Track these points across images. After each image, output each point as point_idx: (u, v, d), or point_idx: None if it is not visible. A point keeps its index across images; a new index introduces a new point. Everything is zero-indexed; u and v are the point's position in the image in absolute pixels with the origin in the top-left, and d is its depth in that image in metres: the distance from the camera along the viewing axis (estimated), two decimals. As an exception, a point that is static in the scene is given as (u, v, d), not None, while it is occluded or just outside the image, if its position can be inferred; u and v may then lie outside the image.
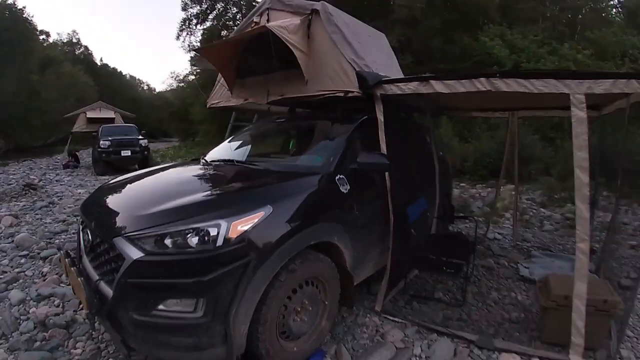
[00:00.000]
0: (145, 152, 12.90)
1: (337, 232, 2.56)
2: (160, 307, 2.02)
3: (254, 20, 4.18)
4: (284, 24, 3.56)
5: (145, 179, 3.07)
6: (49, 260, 4.30)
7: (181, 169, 3.53)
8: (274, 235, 2.15)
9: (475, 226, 4.09)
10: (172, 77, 60.40)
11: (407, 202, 3.46)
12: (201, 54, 4.66)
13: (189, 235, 2.02)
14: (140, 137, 13.14)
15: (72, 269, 2.39)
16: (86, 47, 45.06)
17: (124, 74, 52.29)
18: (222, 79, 4.52)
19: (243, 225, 2.06)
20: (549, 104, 4.32)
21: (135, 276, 2.02)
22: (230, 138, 4.31)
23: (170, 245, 2.03)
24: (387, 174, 3.11)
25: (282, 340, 2.35)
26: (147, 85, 74.37)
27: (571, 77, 2.56)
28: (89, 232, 2.47)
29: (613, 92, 2.53)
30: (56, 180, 11.11)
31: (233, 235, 2.01)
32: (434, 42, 14.89)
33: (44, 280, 3.81)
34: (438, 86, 2.95)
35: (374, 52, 4.11)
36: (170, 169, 3.42)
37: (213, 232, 2.01)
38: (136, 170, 3.93)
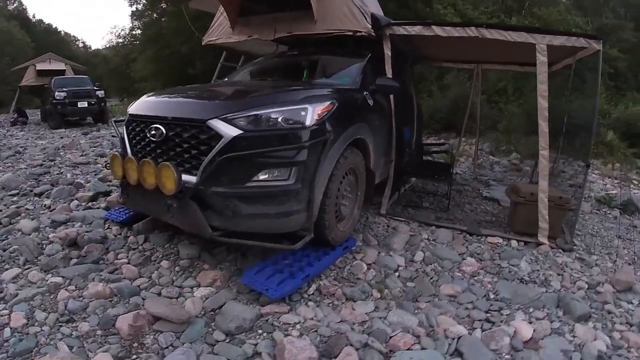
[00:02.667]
0: (102, 104, 12.22)
1: (367, 134, 3.13)
2: (257, 178, 2.36)
3: None
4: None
5: (206, 85, 3.46)
6: (46, 195, 4.26)
7: (234, 81, 3.91)
8: (339, 123, 2.70)
9: (452, 156, 4.91)
10: (113, 32, 55.04)
11: (402, 125, 4.08)
12: None
13: (284, 116, 2.44)
14: (96, 87, 12.40)
15: (144, 160, 2.51)
16: (20, 2, 39.93)
17: (59, 30, 47.17)
18: (223, 15, 4.62)
19: (322, 111, 2.57)
20: (510, 59, 5.16)
21: (234, 151, 2.31)
22: (243, 70, 4.41)
23: (266, 124, 2.41)
24: (392, 97, 3.75)
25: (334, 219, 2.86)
26: (83, 42, 67.41)
27: (537, 31, 3.48)
28: (161, 127, 2.58)
29: (566, 45, 3.39)
30: (10, 135, 10.33)
31: (316, 117, 2.52)
32: (388, 6, 15.42)
33: (52, 210, 3.82)
34: (438, 30, 3.59)
35: (370, 1, 4.60)
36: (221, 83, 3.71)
37: (303, 113, 2.49)
38: (91, 123, 4.32)
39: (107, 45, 37.52)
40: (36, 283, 2.58)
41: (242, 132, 2.35)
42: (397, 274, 2.81)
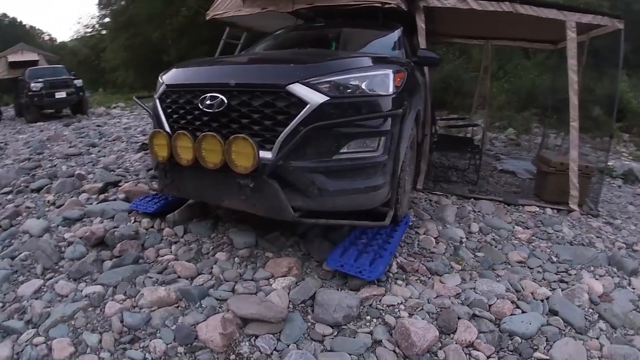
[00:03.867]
0: (81, 94, 11.45)
1: (421, 106, 3.08)
2: (345, 149, 2.13)
3: None
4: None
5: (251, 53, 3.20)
6: (46, 189, 3.74)
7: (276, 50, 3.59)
8: (410, 93, 2.57)
9: (483, 132, 5.09)
10: (80, 22, 51.49)
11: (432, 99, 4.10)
12: None
13: (367, 82, 2.20)
14: (73, 77, 11.61)
15: (205, 135, 2.17)
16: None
17: (24, 24, 43.84)
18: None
19: (399, 78, 2.39)
20: (521, 35, 5.33)
21: (321, 120, 2.05)
22: (264, 43, 3.98)
23: (351, 90, 2.16)
24: (427, 70, 3.70)
25: None
26: (49, 35, 62.52)
27: (567, 9, 3.65)
28: (220, 95, 2.23)
29: (593, 23, 3.59)
30: (-15, 132, 9.59)
31: (396, 84, 2.32)
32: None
33: (59, 207, 3.31)
34: (473, 3, 3.64)
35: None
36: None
37: (386, 80, 2.27)
38: (70, 115, 4.02)
39: (75, 37, 35.22)
40: (68, 296, 2.14)
41: (328, 98, 2.09)
42: (463, 245, 2.88)
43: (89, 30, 28.00)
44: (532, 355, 1.86)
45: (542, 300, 2.27)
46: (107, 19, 22.47)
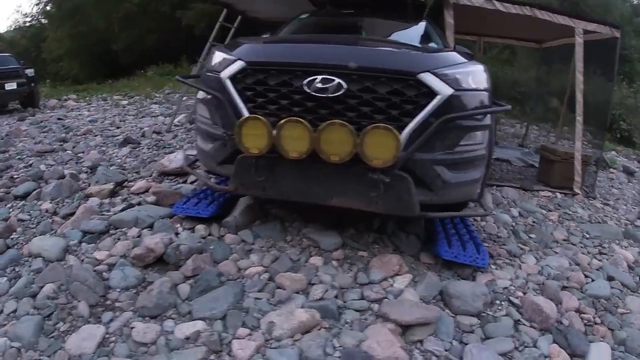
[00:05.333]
0: (33, 84, 10.37)
1: None
2: (463, 142, 2.19)
3: None
4: None
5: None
6: (36, 195, 3.16)
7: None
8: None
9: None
10: (19, 11, 45.56)
11: None
12: None
13: (472, 76, 2.23)
14: (23, 66, 10.47)
15: (331, 123, 1.96)
16: None
17: None
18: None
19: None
20: (511, 34, 5.92)
21: (450, 111, 2.04)
22: (289, 28, 3.67)
23: (464, 84, 2.15)
24: None
25: None
26: None
27: (576, 17, 4.26)
28: (336, 78, 2.05)
29: (596, 31, 4.18)
30: None
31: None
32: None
33: (65, 217, 2.80)
34: (498, 5, 4.02)
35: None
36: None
37: (484, 74, 2.34)
38: (19, 109, 3.34)
39: (13, 27, 31.25)
40: (156, 343, 1.69)
41: (453, 90, 2.07)
42: (516, 228, 3.27)
43: (28, 19, 25.26)
44: (617, 311, 2.27)
45: (597, 270, 2.72)
46: (49, 7, 20.40)
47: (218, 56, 2.43)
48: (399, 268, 2.30)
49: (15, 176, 3.75)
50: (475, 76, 2.27)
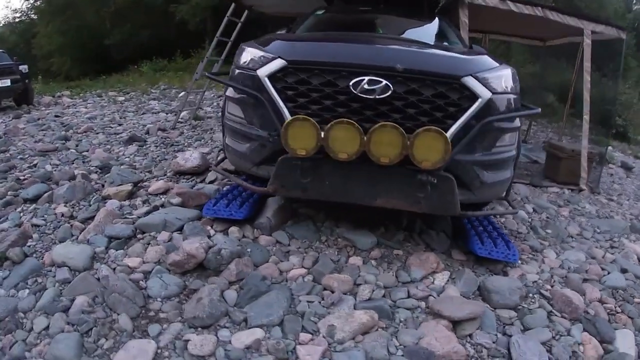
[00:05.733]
0: (27, 81, 10.20)
1: None
2: (499, 143, 2.34)
3: None
4: None
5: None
6: (47, 198, 3.02)
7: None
8: None
9: None
10: (8, 7, 44.56)
11: None
12: None
13: (504, 80, 2.33)
14: (17, 62, 10.29)
15: (381, 125, 2.01)
16: None
17: None
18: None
19: None
20: (516, 32, 6.11)
21: (489, 114, 2.18)
22: (307, 24, 3.59)
23: (499, 87, 2.26)
24: None
25: None
26: None
27: (585, 18, 4.45)
28: (384, 80, 2.10)
29: (604, 33, 4.40)
30: None
31: None
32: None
33: (84, 222, 2.68)
34: (512, 6, 4.18)
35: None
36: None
37: (515, 78, 2.43)
38: (13, 106, 3.22)
39: (2, 23, 30.60)
40: (215, 355, 1.65)
41: (491, 94, 2.18)
42: (532, 224, 3.47)
43: (18, 15, 24.80)
44: (634, 300, 2.48)
45: (611, 263, 2.93)
46: (39, 2, 20.02)
47: (250, 53, 2.41)
48: (437, 266, 2.41)
49: (21, 177, 3.61)
50: (508, 79, 2.39)
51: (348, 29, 3.29)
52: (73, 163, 4.14)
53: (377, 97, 2.09)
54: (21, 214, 2.86)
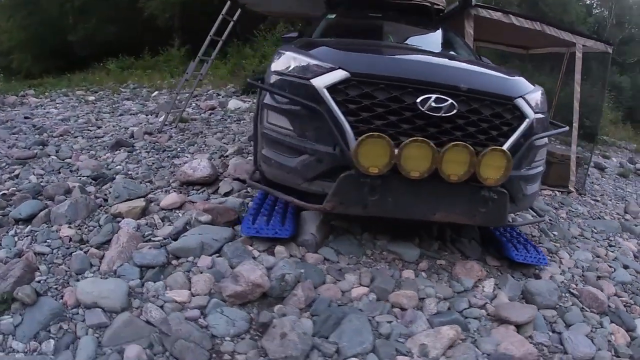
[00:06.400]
0: None
1: None
2: (537, 158, 2.65)
3: None
4: None
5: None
6: (45, 217, 2.68)
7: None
8: None
9: None
10: None
11: None
12: None
13: (538, 100, 2.59)
14: None
15: (454, 145, 2.12)
16: None
17: None
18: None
19: None
20: (502, 40, 6.60)
21: (534, 133, 2.45)
22: (319, 30, 3.67)
23: (538, 108, 2.53)
24: None
25: None
26: None
27: (578, 33, 4.95)
28: (449, 99, 2.21)
29: (592, 47, 4.87)
30: None
31: None
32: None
33: (99, 248, 2.39)
34: (514, 19, 4.58)
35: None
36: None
37: (544, 98, 2.71)
38: None
39: None
40: None
41: (534, 114, 2.43)
42: (541, 227, 3.86)
43: None
44: (641, 293, 2.93)
45: (613, 260, 3.38)
46: None
47: (295, 60, 2.39)
48: (481, 273, 2.61)
49: (5, 192, 3.12)
50: (541, 100, 2.66)
51: (368, 36, 3.37)
52: (59, 172, 3.83)
53: (443, 115, 2.20)
54: (16, 239, 2.51)
